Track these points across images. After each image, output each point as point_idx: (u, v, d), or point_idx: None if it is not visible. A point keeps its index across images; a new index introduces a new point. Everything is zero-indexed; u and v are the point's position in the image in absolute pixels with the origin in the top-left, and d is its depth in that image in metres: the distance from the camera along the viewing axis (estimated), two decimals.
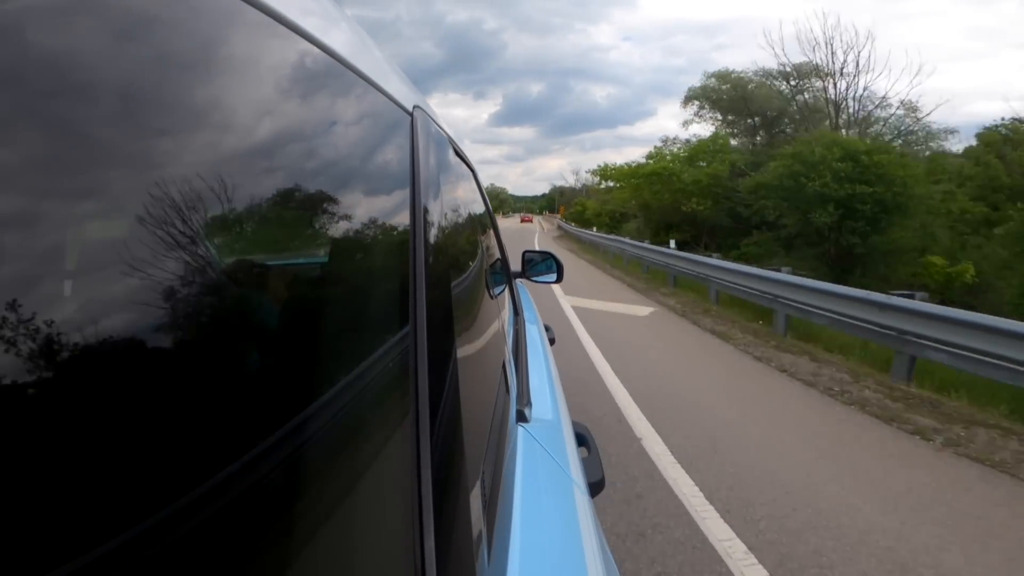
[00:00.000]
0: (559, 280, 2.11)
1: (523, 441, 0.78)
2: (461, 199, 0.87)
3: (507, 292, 1.47)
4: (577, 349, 4.64)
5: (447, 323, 0.49)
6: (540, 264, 2.14)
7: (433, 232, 0.51)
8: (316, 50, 0.34)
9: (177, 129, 0.22)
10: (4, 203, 0.15)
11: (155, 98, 0.21)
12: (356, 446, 0.33)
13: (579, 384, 3.60)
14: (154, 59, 0.21)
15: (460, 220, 0.80)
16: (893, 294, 4.52)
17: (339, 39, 0.39)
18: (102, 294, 0.17)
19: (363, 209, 0.39)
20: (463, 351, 0.54)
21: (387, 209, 0.44)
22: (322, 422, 0.29)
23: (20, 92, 0.15)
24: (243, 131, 0.26)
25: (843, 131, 17.17)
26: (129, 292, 0.18)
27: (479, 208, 1.25)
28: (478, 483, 0.49)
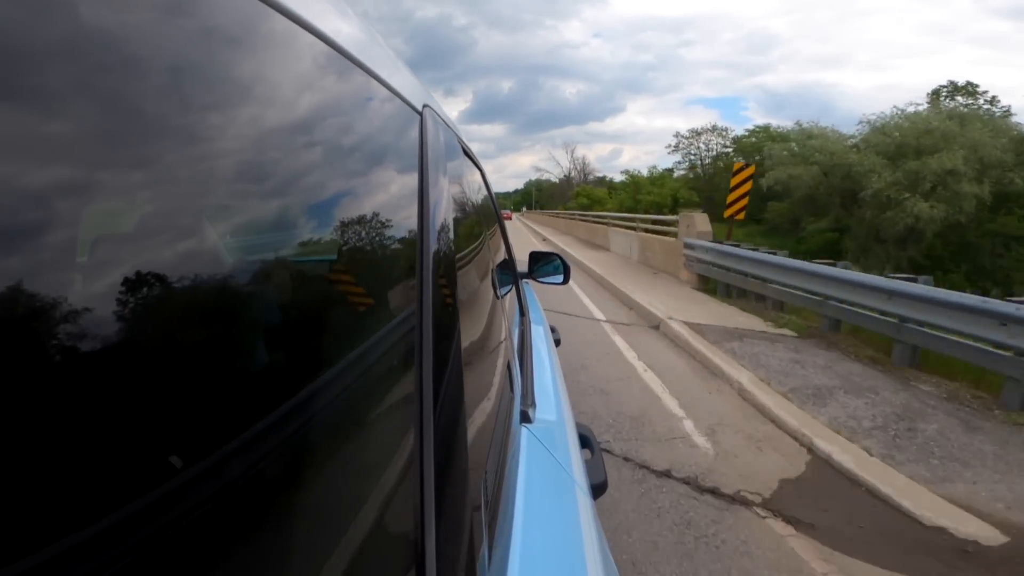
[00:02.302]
0: (566, 281, 2.10)
1: (526, 442, 0.77)
2: (469, 198, 0.87)
3: (513, 292, 1.47)
4: None
5: (453, 323, 0.49)
6: (547, 265, 2.13)
7: (441, 231, 0.51)
8: (328, 48, 0.34)
9: (190, 127, 0.22)
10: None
11: (166, 97, 0.21)
12: (359, 445, 0.33)
13: None
14: (163, 57, 0.21)
15: (468, 219, 0.80)
16: None
17: (350, 37, 0.39)
18: (103, 292, 0.17)
19: (372, 208, 0.39)
20: (468, 351, 0.54)
21: (395, 208, 0.44)
22: (326, 421, 0.29)
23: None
24: (253, 128, 0.26)
25: None
26: (133, 288, 0.18)
27: (486, 207, 1.25)
28: (480, 483, 0.49)
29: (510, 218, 46.95)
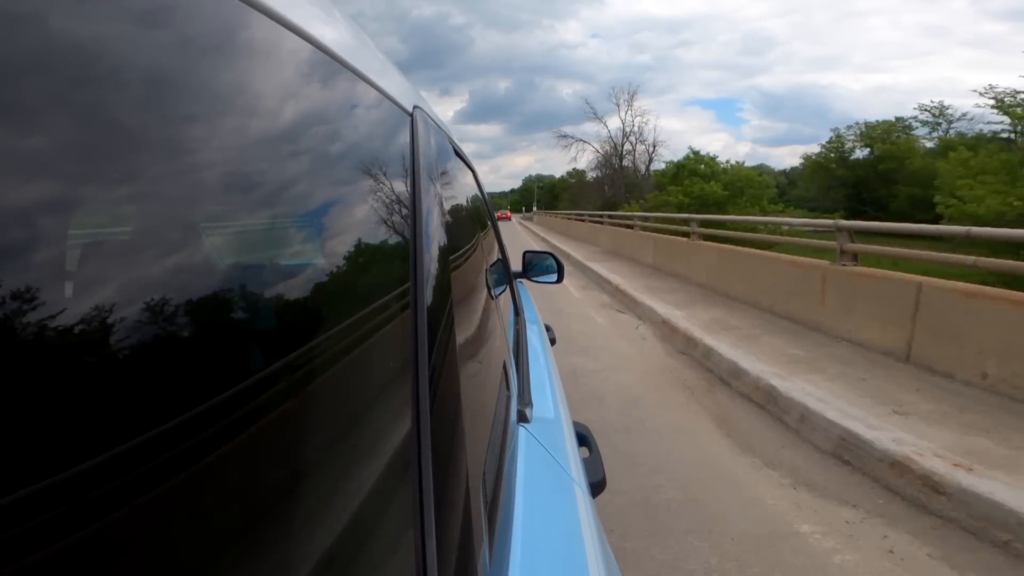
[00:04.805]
0: (559, 280, 2.11)
1: (524, 441, 0.78)
2: (461, 199, 0.87)
3: (508, 292, 1.47)
4: None
5: (448, 324, 0.49)
6: (540, 264, 2.14)
7: (433, 232, 0.51)
8: (316, 50, 0.34)
9: (174, 130, 0.22)
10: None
11: (151, 99, 0.21)
12: (357, 446, 0.33)
13: None
14: (150, 60, 0.21)
15: (460, 220, 0.80)
16: None
17: (339, 39, 0.39)
18: (97, 292, 0.17)
19: (364, 211, 0.39)
20: (464, 351, 0.54)
21: (388, 210, 0.44)
22: (322, 423, 0.29)
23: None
24: (243, 132, 0.26)
25: None
26: (124, 292, 0.18)
27: (479, 208, 1.25)
28: (479, 483, 0.49)
29: (509, 218, 41.14)
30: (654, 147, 34.57)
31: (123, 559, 0.16)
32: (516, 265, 2.06)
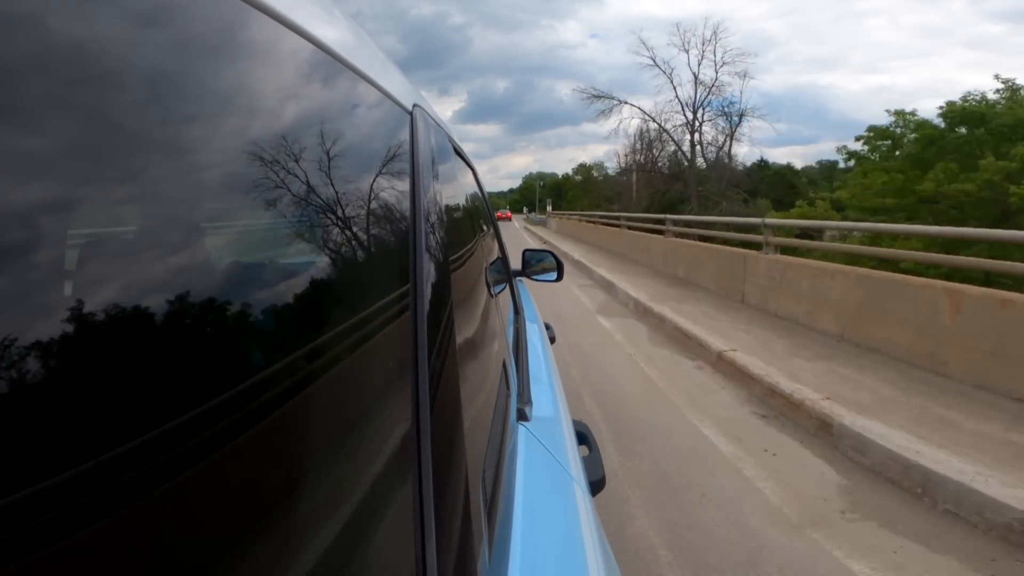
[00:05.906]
0: (559, 278, 2.11)
1: (524, 440, 0.78)
2: (461, 198, 0.87)
3: (507, 290, 1.47)
4: None
5: (447, 322, 0.49)
6: (540, 262, 2.14)
7: (433, 231, 0.51)
8: (316, 49, 0.34)
9: (174, 130, 0.22)
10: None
11: (151, 99, 0.21)
12: (356, 445, 0.33)
13: None
14: (150, 58, 0.21)
15: (460, 219, 0.80)
16: None
17: (338, 37, 0.39)
18: (96, 293, 0.17)
19: (364, 210, 0.39)
20: (463, 350, 0.54)
21: (388, 209, 0.44)
22: (322, 422, 0.29)
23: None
24: (242, 132, 0.26)
25: None
26: (123, 291, 0.18)
27: (479, 206, 1.25)
28: (479, 482, 0.49)
29: (510, 218, 40.00)
30: (740, 119, 19.64)
31: (123, 558, 0.16)
32: (516, 263, 2.06)
